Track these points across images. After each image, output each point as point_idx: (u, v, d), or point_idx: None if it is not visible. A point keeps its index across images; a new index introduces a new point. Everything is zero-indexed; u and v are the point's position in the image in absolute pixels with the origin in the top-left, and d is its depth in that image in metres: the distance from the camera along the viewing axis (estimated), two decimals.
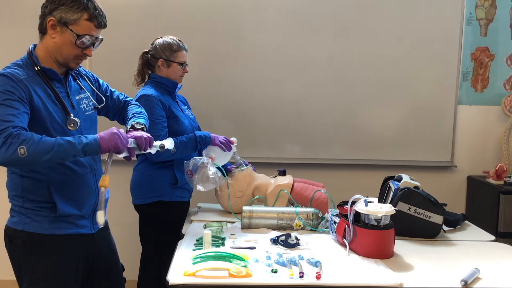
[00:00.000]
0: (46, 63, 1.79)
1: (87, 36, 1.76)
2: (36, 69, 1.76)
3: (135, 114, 2.05)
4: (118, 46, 3.23)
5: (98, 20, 1.77)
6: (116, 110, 2.14)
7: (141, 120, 2.00)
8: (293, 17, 3.43)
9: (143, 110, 2.13)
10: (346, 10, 3.44)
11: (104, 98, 2.04)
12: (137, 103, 2.20)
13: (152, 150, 1.91)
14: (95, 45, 1.83)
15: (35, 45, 1.82)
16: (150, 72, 2.68)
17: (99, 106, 2.00)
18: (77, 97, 1.89)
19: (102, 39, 1.84)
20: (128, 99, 2.18)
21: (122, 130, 1.77)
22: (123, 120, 2.12)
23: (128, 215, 2.79)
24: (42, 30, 1.78)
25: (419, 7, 3.47)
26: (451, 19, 3.50)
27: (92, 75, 2.06)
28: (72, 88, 1.89)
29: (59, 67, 1.82)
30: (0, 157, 1.56)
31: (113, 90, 2.14)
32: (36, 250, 1.79)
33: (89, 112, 1.93)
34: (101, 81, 2.09)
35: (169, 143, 2.02)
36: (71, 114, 1.79)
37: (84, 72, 2.01)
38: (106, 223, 2.02)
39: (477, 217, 3.19)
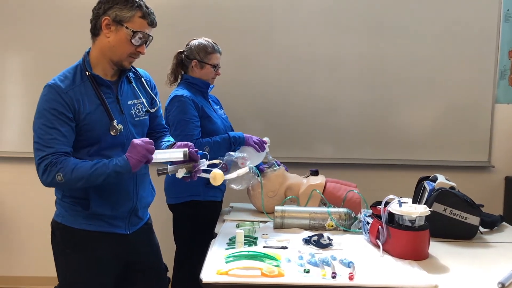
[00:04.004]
0: (98, 65, 1.84)
1: (140, 33, 1.80)
2: (87, 73, 1.81)
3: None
4: (152, 47, 3.27)
5: (150, 17, 1.82)
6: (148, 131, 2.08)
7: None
8: (325, 17, 3.41)
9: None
10: (378, 9, 3.41)
11: (157, 102, 2.05)
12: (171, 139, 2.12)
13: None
14: (146, 44, 1.86)
15: (89, 50, 1.87)
16: (183, 72, 2.72)
17: (152, 111, 2.01)
18: (129, 102, 1.92)
19: (153, 37, 1.87)
20: (166, 130, 2.17)
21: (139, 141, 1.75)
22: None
23: (163, 214, 2.83)
24: (96, 32, 1.83)
25: (455, 4, 3.40)
26: (488, 16, 3.42)
27: (150, 80, 2.07)
28: (124, 92, 1.91)
29: (112, 67, 1.86)
30: (43, 182, 1.73)
31: (160, 114, 2.12)
32: (70, 243, 1.85)
33: (140, 118, 1.95)
34: (156, 90, 2.08)
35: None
36: (115, 121, 1.82)
37: (142, 74, 2.02)
38: (147, 224, 2.05)
39: None
